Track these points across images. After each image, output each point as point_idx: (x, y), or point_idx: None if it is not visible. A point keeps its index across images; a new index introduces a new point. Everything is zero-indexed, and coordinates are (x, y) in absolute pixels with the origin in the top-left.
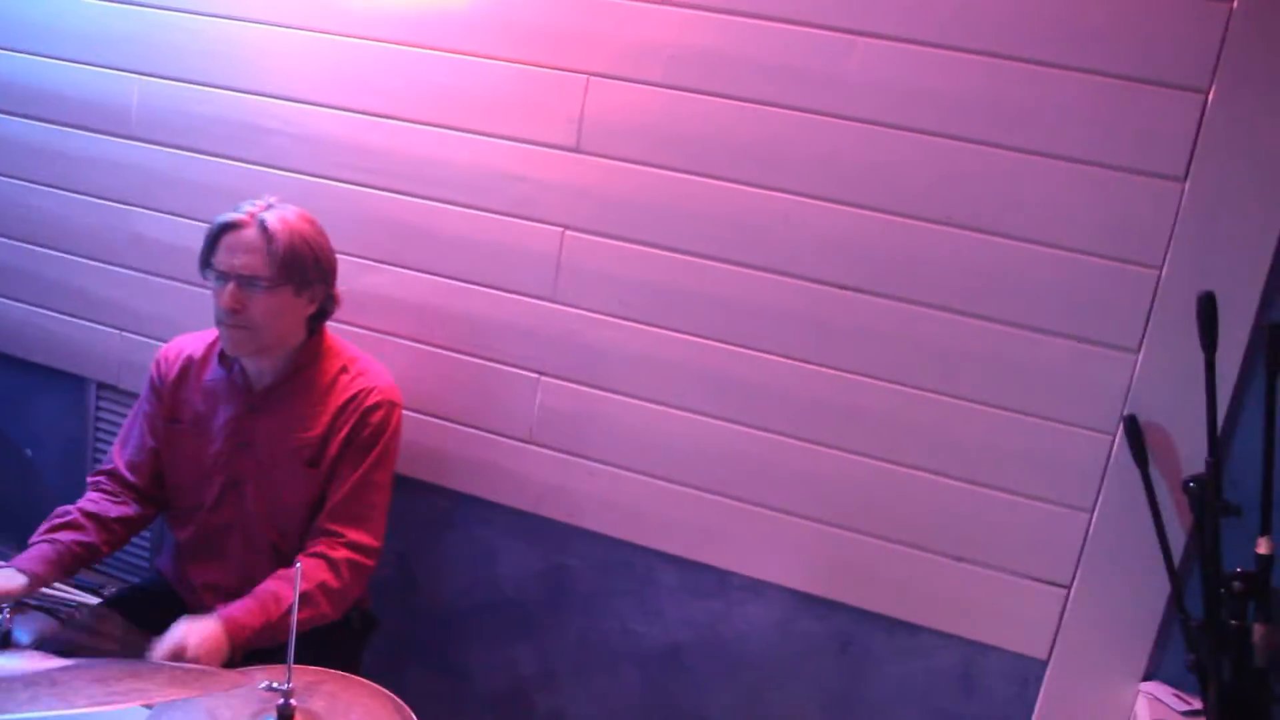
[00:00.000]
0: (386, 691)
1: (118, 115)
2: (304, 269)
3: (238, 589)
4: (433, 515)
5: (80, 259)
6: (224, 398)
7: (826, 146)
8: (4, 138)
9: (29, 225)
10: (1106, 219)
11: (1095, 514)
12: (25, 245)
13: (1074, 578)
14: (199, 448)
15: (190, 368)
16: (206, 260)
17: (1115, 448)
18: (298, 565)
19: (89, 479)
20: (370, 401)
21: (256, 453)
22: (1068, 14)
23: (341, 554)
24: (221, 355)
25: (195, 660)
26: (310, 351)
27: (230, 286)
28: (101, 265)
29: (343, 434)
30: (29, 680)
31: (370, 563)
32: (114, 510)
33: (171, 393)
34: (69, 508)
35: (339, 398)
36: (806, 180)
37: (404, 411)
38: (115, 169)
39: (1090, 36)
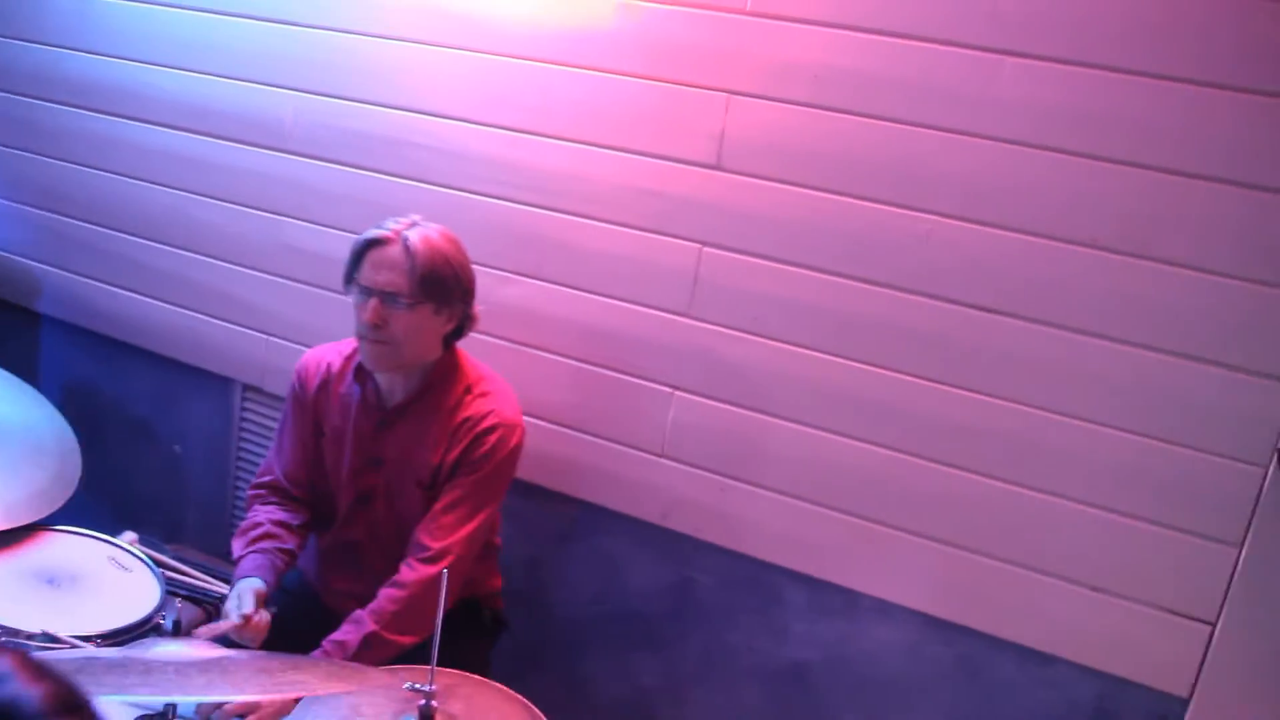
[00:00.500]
0: (521, 697)
1: (273, 130)
2: (444, 287)
3: (370, 594)
4: (563, 524)
5: (232, 266)
6: (357, 412)
7: (969, 166)
8: (166, 150)
9: (186, 233)
10: (1259, 242)
11: (1244, 549)
12: (182, 252)
13: (1220, 614)
14: (335, 460)
15: (329, 380)
16: (351, 275)
17: (1268, 480)
18: (443, 572)
19: (250, 491)
20: (486, 424)
21: (387, 470)
22: (1217, 33)
23: (413, 575)
24: (357, 370)
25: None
26: (441, 369)
27: (373, 302)
28: (252, 272)
29: (455, 454)
30: (204, 667)
31: (441, 564)
32: (294, 518)
33: (314, 404)
34: (258, 519)
35: (458, 419)
36: (948, 200)
37: (535, 421)
38: (269, 181)
39: (1241, 56)
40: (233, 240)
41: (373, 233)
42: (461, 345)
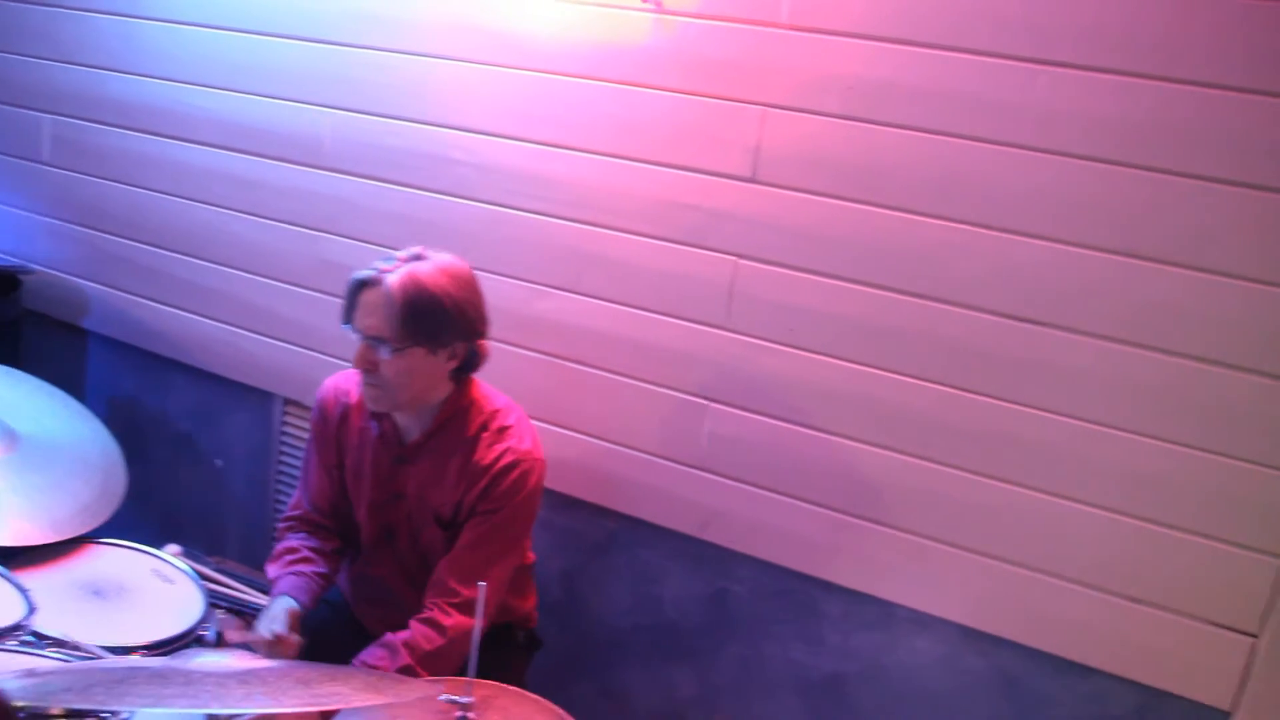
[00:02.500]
0: (556, 708)
1: (311, 147)
2: (436, 328)
3: (403, 623)
4: (599, 536)
5: (272, 281)
6: (376, 447)
7: (1005, 176)
8: (207, 169)
9: (227, 249)
10: None
11: None
12: (223, 268)
13: (1263, 626)
14: (358, 493)
15: (349, 411)
16: (347, 316)
17: None
18: (482, 585)
19: (280, 524)
20: (505, 463)
21: (408, 505)
22: (1258, 39)
23: (453, 621)
24: None
25: None
26: (453, 406)
27: (361, 346)
28: (292, 288)
29: (475, 494)
30: (243, 678)
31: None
32: (326, 545)
33: (335, 435)
34: (292, 544)
35: (474, 458)
36: (985, 211)
37: (571, 434)
38: (307, 198)
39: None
40: (273, 256)
41: (362, 273)
42: (493, 362)
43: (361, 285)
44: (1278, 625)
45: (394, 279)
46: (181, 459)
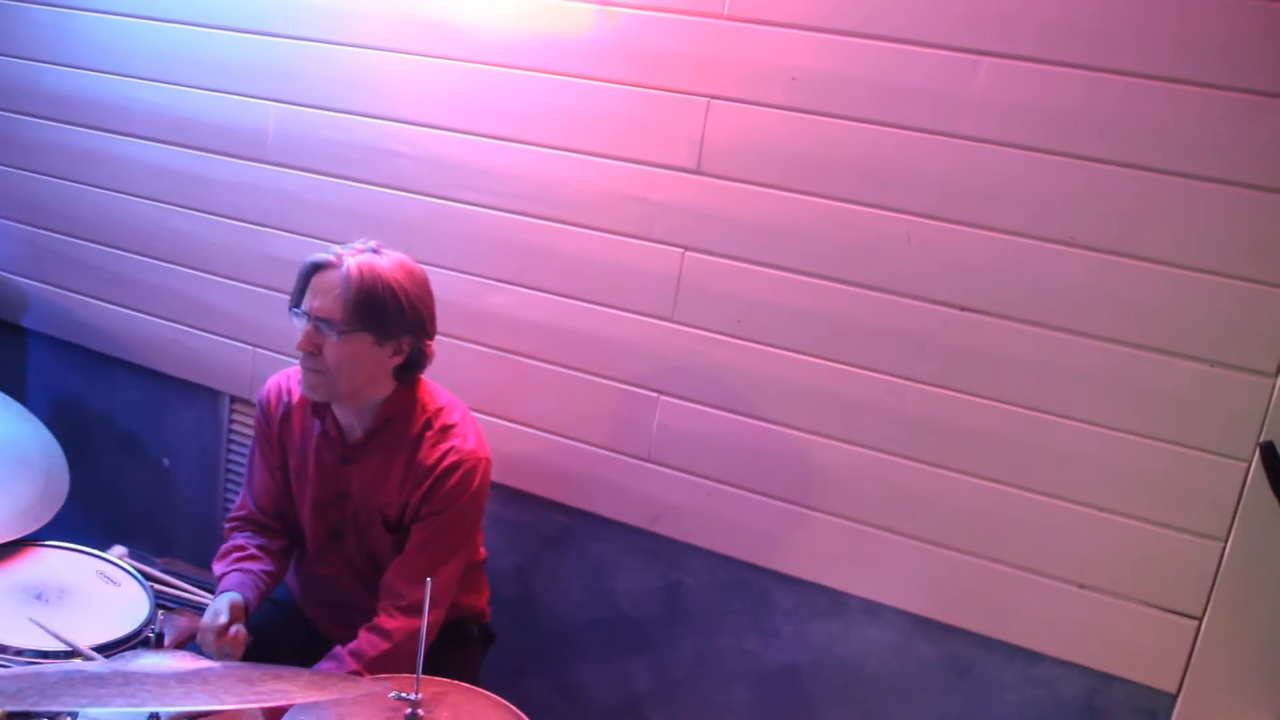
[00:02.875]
0: (507, 704)
1: (255, 141)
2: (386, 318)
3: (358, 623)
4: (551, 531)
5: (217, 278)
6: (321, 445)
7: (949, 167)
8: (148, 163)
9: (170, 245)
10: (1240, 239)
11: (1229, 543)
12: (166, 264)
13: (1206, 609)
14: (302, 493)
15: (290, 410)
16: (296, 299)
17: (1250, 475)
18: (428, 581)
19: (226, 524)
20: (448, 462)
21: (351, 504)
22: (1197, 30)
23: (397, 624)
24: (315, 404)
25: None
26: (396, 404)
27: (308, 328)
28: (237, 284)
29: (419, 495)
30: (183, 678)
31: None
32: (272, 544)
33: (278, 435)
34: (241, 541)
35: (418, 457)
36: (929, 201)
37: (521, 428)
38: (252, 192)
39: (1220, 51)
40: (216, 251)
41: (318, 256)
42: (441, 356)
43: (316, 267)
44: (1221, 608)
45: (353, 263)
46: (127, 459)
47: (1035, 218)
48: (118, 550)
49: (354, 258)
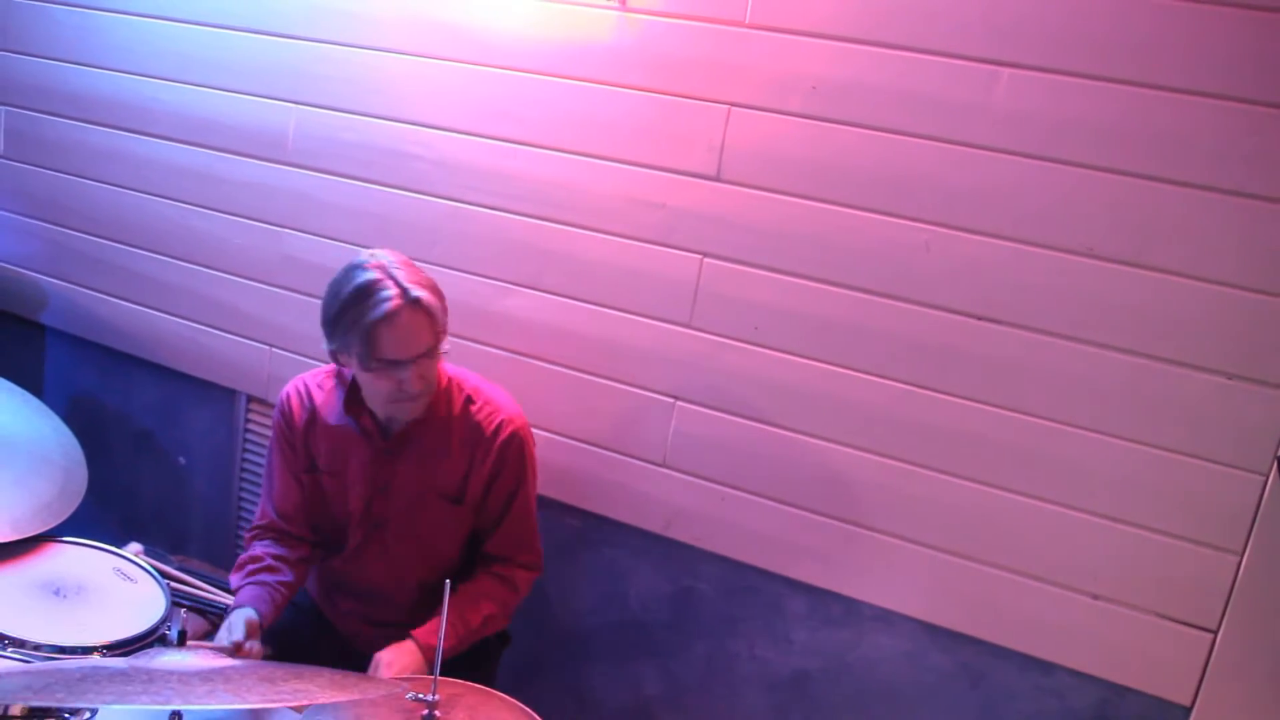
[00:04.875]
0: (523, 706)
1: (275, 142)
2: (445, 316)
3: (390, 621)
4: (565, 535)
5: (235, 277)
6: (356, 443)
7: (969, 176)
8: (168, 163)
9: (188, 245)
10: (1261, 253)
11: (1245, 556)
12: (184, 263)
13: (1221, 622)
14: (337, 493)
15: (315, 414)
16: (369, 355)
17: (1268, 488)
18: (446, 584)
19: (246, 534)
20: (505, 434)
21: (397, 495)
22: (1213, 42)
23: (517, 573)
24: (348, 403)
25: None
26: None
27: (415, 370)
28: (254, 284)
29: (485, 470)
30: (206, 676)
31: (538, 573)
32: (292, 553)
33: (303, 440)
34: (258, 552)
35: (472, 432)
36: (948, 210)
37: (538, 432)
38: (270, 193)
39: (1242, 65)
40: (235, 252)
41: (379, 308)
42: (457, 359)
43: (381, 321)
44: (1236, 621)
45: (419, 292)
46: (143, 457)
47: (1055, 228)
48: (134, 547)
49: (411, 288)
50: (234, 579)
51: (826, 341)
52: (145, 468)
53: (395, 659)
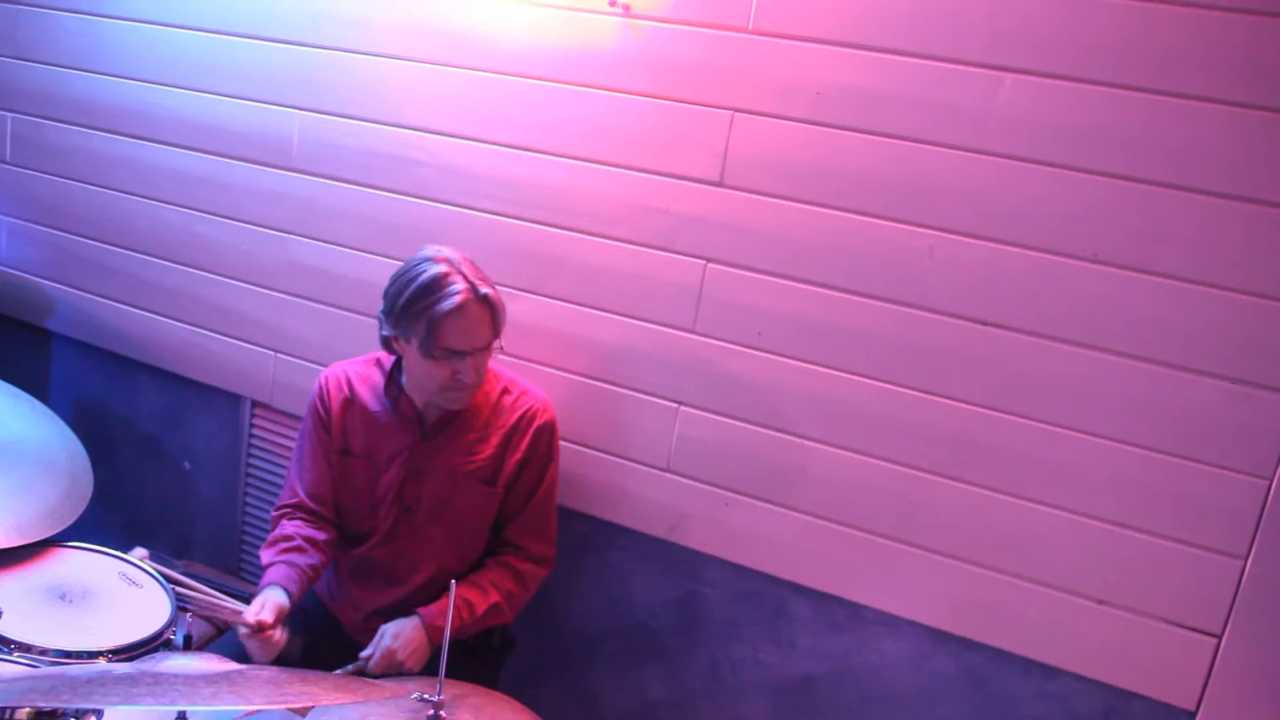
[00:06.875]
0: (526, 708)
1: (280, 148)
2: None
3: (399, 613)
4: (569, 539)
5: (239, 283)
6: (394, 428)
7: (973, 182)
8: (173, 169)
9: (193, 251)
10: (1264, 257)
11: (1249, 561)
12: (189, 269)
13: (1225, 626)
14: (370, 477)
15: (353, 398)
16: (431, 343)
17: (1272, 493)
18: (452, 584)
19: (273, 514)
20: (540, 422)
21: (430, 479)
22: (1216, 48)
23: (527, 566)
24: (386, 387)
25: (408, 669)
26: None
27: (473, 361)
28: (259, 289)
29: (519, 455)
30: (212, 679)
31: (548, 570)
32: (320, 535)
33: (339, 424)
34: (288, 531)
35: (507, 418)
36: (952, 216)
37: None
38: (275, 199)
39: (1241, 70)
40: (239, 257)
41: (448, 300)
42: None
43: (451, 313)
44: (1240, 626)
45: (486, 289)
46: (149, 462)
47: (1058, 233)
48: (139, 552)
49: (479, 284)
50: (265, 554)
51: (830, 347)
52: (150, 473)
53: (401, 631)
